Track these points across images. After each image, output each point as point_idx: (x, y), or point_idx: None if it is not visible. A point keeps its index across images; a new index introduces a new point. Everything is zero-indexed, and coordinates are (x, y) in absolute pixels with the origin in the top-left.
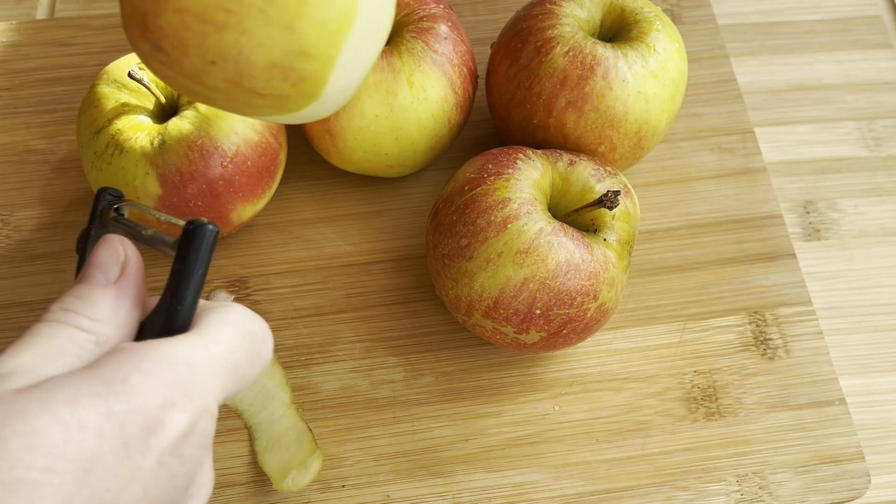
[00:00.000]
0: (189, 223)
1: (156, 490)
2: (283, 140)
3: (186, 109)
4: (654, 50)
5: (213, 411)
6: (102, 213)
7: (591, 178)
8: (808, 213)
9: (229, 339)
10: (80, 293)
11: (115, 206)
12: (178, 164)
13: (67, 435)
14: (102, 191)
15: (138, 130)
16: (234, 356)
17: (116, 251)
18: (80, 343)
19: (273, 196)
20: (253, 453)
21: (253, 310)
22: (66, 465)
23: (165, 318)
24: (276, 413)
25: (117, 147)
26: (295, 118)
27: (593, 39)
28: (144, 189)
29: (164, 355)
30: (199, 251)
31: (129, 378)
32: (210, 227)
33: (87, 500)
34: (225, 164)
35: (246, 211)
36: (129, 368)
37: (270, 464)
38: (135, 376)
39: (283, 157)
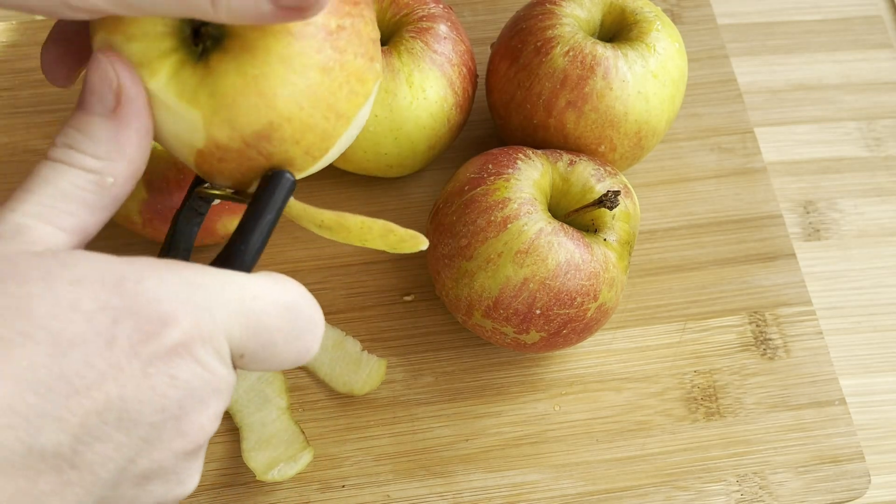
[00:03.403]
0: (269, 170)
1: (134, 400)
2: None
3: None
4: (654, 50)
5: (221, 350)
6: (193, 189)
7: (591, 178)
8: (808, 213)
9: (269, 299)
10: (80, 125)
11: (206, 184)
12: (165, 171)
13: (56, 310)
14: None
15: None
16: (267, 319)
17: (107, 76)
18: (84, 186)
19: None
20: (239, 450)
21: None
22: (44, 336)
23: (227, 256)
24: (270, 416)
25: None
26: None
27: (593, 39)
28: (131, 192)
29: (193, 276)
30: (272, 195)
31: (144, 280)
32: (288, 175)
33: (55, 378)
34: None
35: (232, 223)
36: (150, 271)
37: (256, 460)
38: (150, 280)
39: None
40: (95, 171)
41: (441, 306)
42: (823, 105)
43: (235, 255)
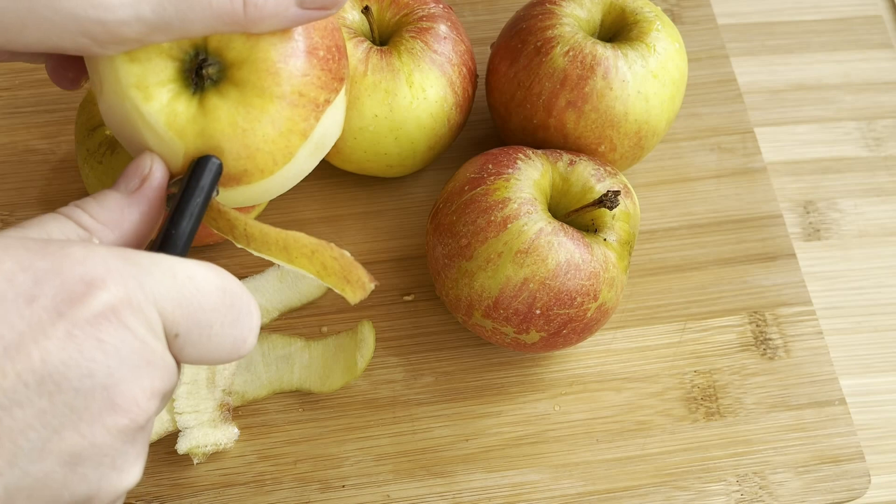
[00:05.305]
0: (197, 158)
1: (57, 363)
2: None
3: None
4: (654, 50)
5: (153, 322)
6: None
7: (591, 178)
8: (808, 213)
9: (204, 280)
10: (98, 196)
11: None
12: None
13: None
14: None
15: None
16: (202, 298)
17: (142, 165)
18: (69, 234)
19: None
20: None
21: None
22: None
23: (159, 242)
24: (303, 359)
25: (109, 147)
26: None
27: (593, 39)
28: None
29: (123, 252)
30: (198, 179)
31: (71, 247)
32: (214, 159)
33: None
34: None
35: None
36: (79, 243)
37: (335, 382)
38: (77, 248)
39: None
40: (87, 229)
41: (441, 306)
42: (823, 105)
43: (167, 239)
